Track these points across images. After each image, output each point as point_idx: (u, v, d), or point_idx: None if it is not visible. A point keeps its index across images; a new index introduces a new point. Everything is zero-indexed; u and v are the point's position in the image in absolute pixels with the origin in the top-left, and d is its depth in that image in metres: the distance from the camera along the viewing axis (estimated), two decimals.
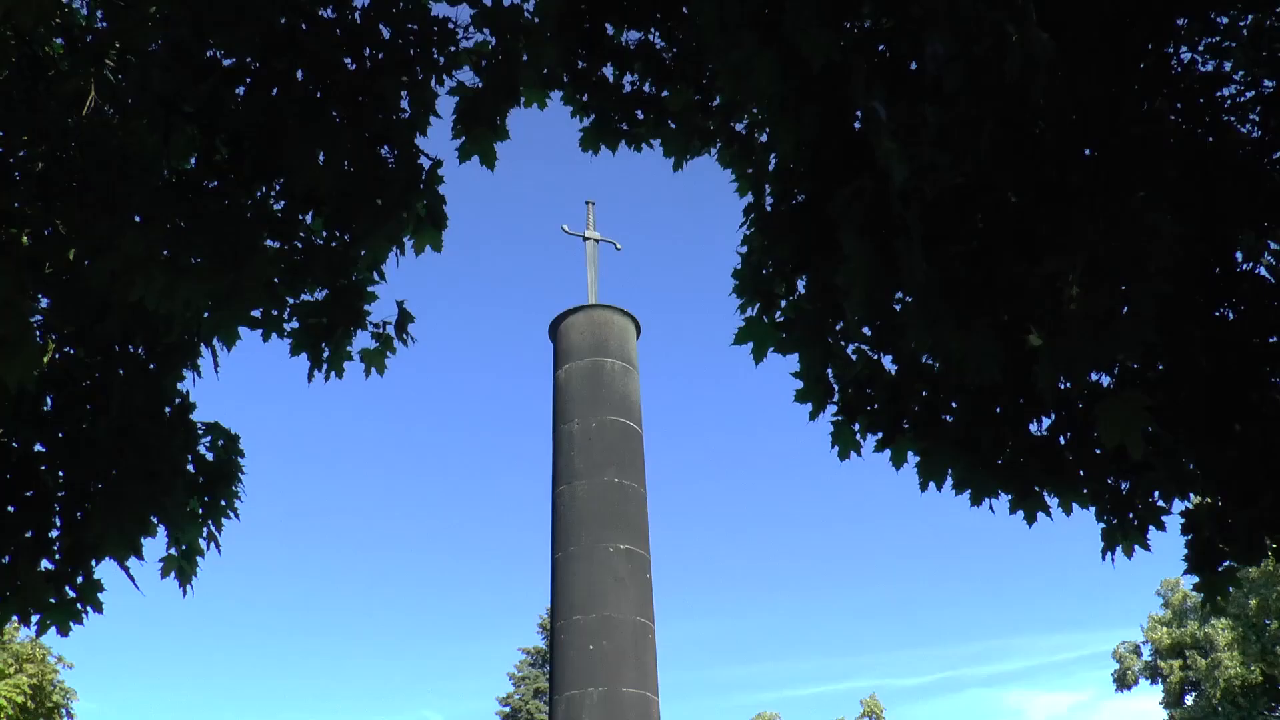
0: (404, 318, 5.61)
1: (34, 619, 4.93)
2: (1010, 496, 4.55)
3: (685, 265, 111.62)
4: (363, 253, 5.06)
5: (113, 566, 5.02)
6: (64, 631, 4.98)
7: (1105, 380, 4.32)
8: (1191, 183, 3.96)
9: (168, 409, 5.19)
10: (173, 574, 5.41)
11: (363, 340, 5.50)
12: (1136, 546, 4.58)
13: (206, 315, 4.69)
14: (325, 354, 5.23)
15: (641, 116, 5.66)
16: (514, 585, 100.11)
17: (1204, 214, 3.99)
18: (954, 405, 4.50)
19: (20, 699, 16.40)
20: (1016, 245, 3.75)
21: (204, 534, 5.41)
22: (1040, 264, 3.54)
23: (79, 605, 5.01)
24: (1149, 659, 48.90)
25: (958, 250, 3.79)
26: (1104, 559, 4.57)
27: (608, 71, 5.58)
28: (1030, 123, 3.74)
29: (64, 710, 20.15)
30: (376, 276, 5.34)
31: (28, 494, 4.88)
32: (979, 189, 3.75)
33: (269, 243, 4.86)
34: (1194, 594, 4.58)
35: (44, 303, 4.83)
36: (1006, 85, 3.31)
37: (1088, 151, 3.90)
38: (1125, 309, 3.45)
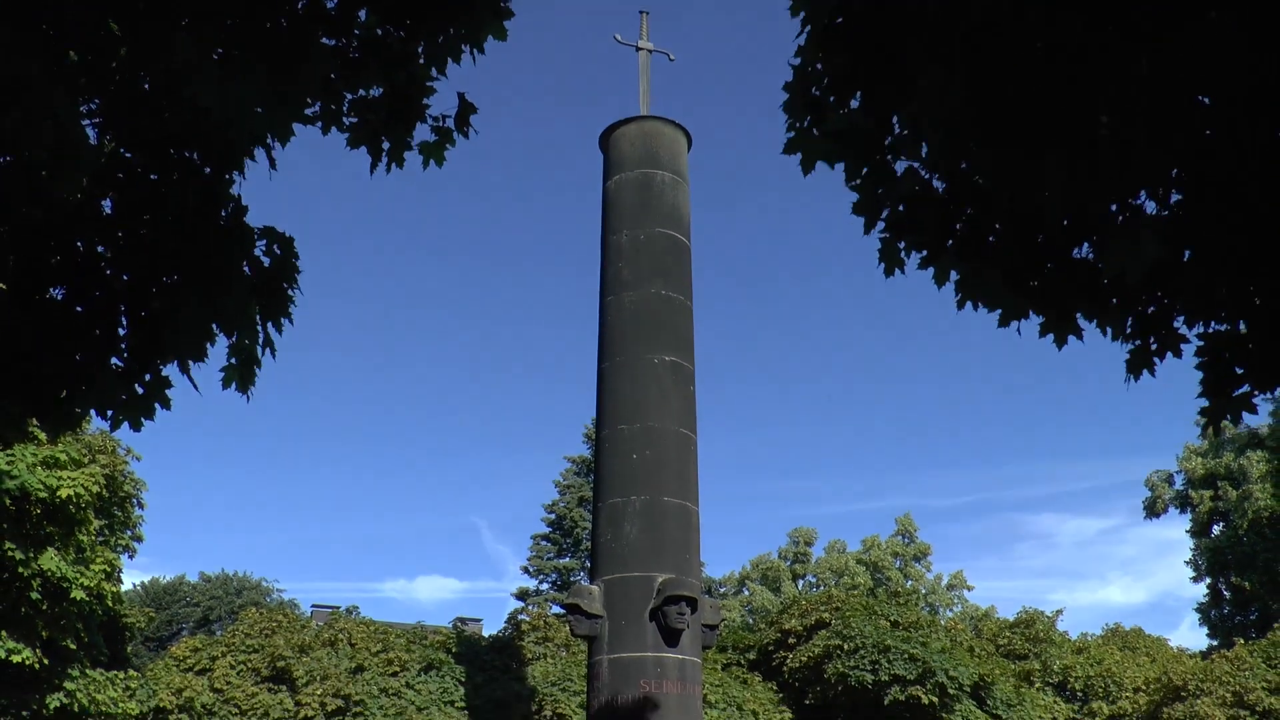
0: (465, 109, 5.56)
1: (108, 415, 5.20)
2: (1042, 319, 4.65)
3: (738, 78, 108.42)
4: (421, 48, 5.00)
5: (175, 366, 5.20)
6: (136, 427, 5.25)
7: (1151, 207, 4.32)
8: None
9: (223, 213, 5.25)
10: (233, 384, 5.53)
11: (422, 134, 5.51)
12: (1146, 373, 4.69)
13: (260, 113, 4.70)
14: (385, 147, 5.27)
15: None
16: (562, 395, 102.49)
17: None
18: (999, 228, 4.55)
19: (96, 488, 17.26)
20: (1056, 72, 3.70)
21: (261, 339, 5.48)
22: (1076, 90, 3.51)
23: (149, 402, 5.25)
24: (1181, 488, 49.50)
25: (1001, 72, 3.75)
26: (1126, 382, 4.72)
27: None
28: None
29: (135, 500, 21.31)
30: (435, 72, 5.28)
31: (95, 294, 5.03)
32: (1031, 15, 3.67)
33: (324, 40, 4.81)
34: (1230, 424, 4.67)
35: (97, 104, 4.85)
36: None
37: None
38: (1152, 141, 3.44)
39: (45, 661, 17.16)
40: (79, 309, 5.00)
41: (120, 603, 20.08)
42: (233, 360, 5.37)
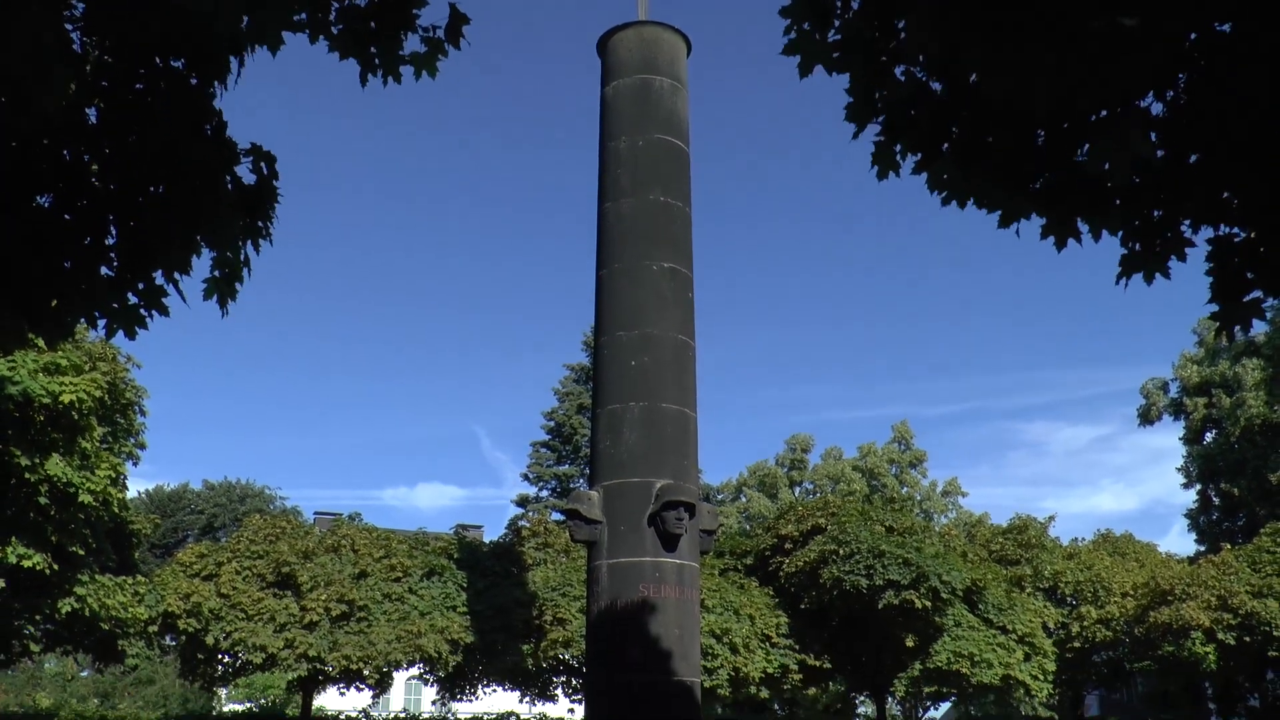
0: (456, 19, 5.45)
1: (101, 323, 5.22)
2: (1044, 221, 4.64)
3: None
4: None
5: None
6: (130, 335, 5.26)
7: (1157, 109, 4.27)
8: None
9: (208, 127, 5.18)
10: (214, 297, 5.52)
11: (412, 45, 5.41)
12: (1159, 275, 4.68)
13: (247, 20, 4.60)
14: (376, 59, 5.19)
15: None
16: (560, 303, 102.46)
17: None
18: (996, 130, 4.52)
19: (98, 393, 17.29)
20: None
21: (242, 256, 5.48)
22: None
23: (143, 310, 5.25)
24: (1175, 396, 49.76)
25: None
26: (1118, 283, 4.73)
27: None
28: None
29: (137, 408, 21.39)
30: None
31: (82, 202, 4.99)
32: None
33: None
34: (1240, 330, 4.66)
35: (81, 9, 4.74)
36: None
37: None
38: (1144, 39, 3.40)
39: (55, 567, 17.41)
40: (67, 217, 4.98)
41: (126, 509, 20.30)
42: (216, 273, 5.36)
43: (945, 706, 39.26)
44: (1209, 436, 47.47)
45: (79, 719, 24.84)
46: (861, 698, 34.57)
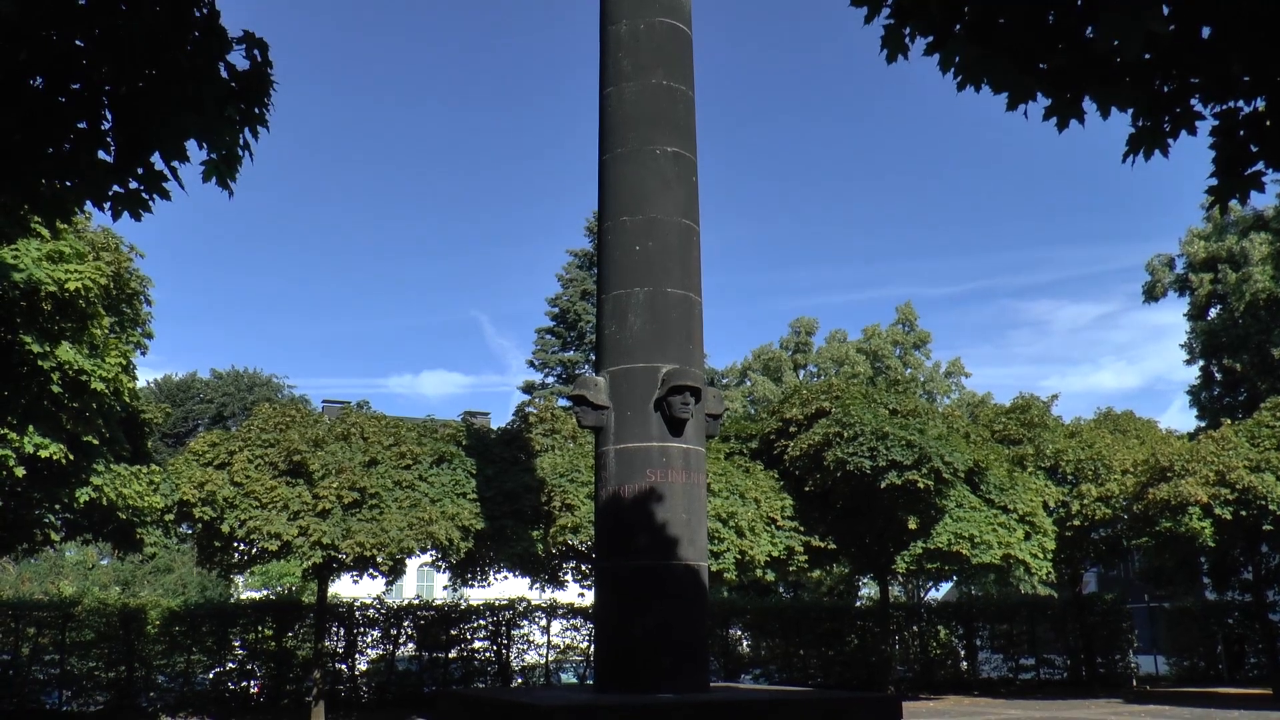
0: None
1: (105, 206, 5.22)
2: (1049, 102, 4.62)
3: None
4: None
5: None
6: (136, 217, 5.26)
7: None
8: None
9: (198, 11, 5.07)
10: (214, 179, 5.51)
11: None
12: (1158, 153, 4.66)
13: None
14: None
15: None
16: (562, 189, 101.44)
17: None
18: (1009, 9, 4.44)
19: (104, 280, 17.20)
20: None
21: (241, 142, 5.44)
22: None
23: (145, 195, 5.23)
24: (1181, 272, 49.51)
25: None
26: (1124, 161, 4.71)
27: None
28: None
29: (142, 297, 21.26)
30: None
31: (75, 86, 4.92)
32: None
33: None
34: (1237, 207, 4.67)
35: None
36: None
37: None
38: None
39: (71, 457, 17.59)
40: (61, 100, 4.92)
41: (137, 398, 20.39)
42: (213, 155, 5.33)
43: (946, 586, 40.19)
44: (1213, 312, 47.39)
45: (103, 606, 25.48)
46: (864, 579, 35.37)
